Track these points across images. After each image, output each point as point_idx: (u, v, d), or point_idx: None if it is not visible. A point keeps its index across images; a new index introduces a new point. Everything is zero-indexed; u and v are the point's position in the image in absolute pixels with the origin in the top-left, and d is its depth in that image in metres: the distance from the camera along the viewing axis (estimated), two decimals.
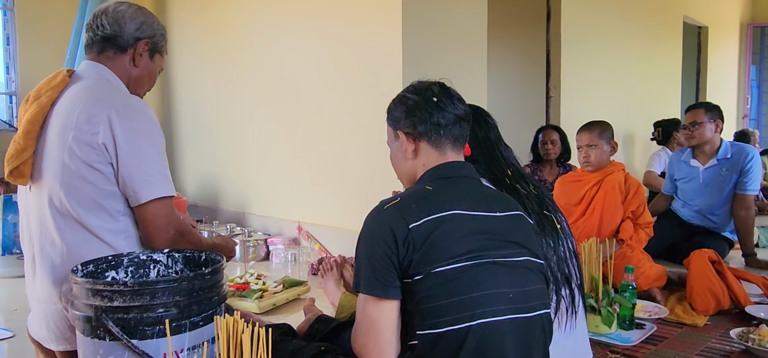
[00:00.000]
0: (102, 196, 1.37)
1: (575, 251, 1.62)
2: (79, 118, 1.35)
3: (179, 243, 1.45)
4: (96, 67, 1.49)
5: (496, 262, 1.12)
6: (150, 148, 1.40)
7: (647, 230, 2.74)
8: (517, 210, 1.25)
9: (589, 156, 2.74)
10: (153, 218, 1.39)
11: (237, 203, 4.03)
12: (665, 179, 3.59)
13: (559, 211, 1.65)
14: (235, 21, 3.92)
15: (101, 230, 1.37)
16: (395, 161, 1.36)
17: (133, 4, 1.57)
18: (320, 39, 3.27)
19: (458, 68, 3.15)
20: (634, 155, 5.27)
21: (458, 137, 1.29)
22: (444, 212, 1.12)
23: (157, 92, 4.81)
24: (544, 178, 3.76)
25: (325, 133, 3.27)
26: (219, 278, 1.25)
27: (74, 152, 1.35)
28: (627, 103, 5.17)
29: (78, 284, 1.14)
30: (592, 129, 2.74)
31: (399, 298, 1.11)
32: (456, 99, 1.31)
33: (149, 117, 1.43)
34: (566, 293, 1.53)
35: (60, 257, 1.37)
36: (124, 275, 1.37)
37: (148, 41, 1.54)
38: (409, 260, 1.09)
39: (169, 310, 1.13)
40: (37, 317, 1.44)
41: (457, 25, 3.15)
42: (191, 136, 4.50)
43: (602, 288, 2.08)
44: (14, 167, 1.39)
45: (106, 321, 1.09)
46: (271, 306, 2.33)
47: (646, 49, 5.46)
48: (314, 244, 3.27)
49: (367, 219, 1.16)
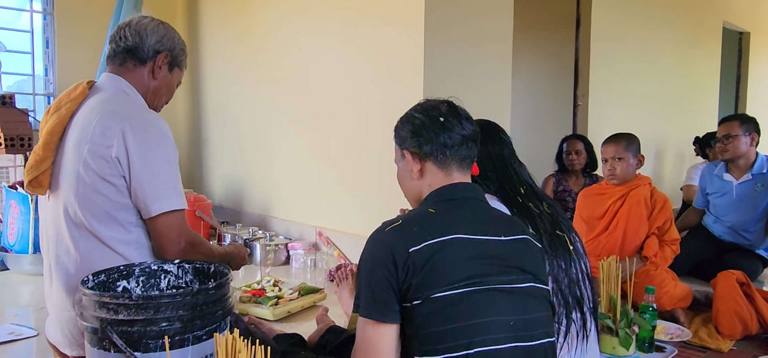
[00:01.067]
0: (115, 208, 1.40)
1: (589, 273, 1.58)
2: (94, 131, 1.39)
3: (191, 254, 1.48)
4: (115, 79, 1.53)
5: (497, 288, 1.10)
6: (162, 162, 1.42)
7: (673, 248, 2.65)
8: (524, 234, 1.22)
9: (614, 169, 2.66)
10: (164, 230, 1.42)
11: (261, 206, 4.09)
12: (696, 193, 3.48)
13: (573, 231, 1.61)
14: (263, 27, 3.97)
15: (114, 241, 1.41)
16: (401, 180, 1.35)
17: (156, 18, 1.60)
18: (343, 45, 3.29)
19: (482, 75, 3.12)
20: (666, 167, 5.11)
21: (465, 158, 1.27)
22: (445, 236, 1.10)
23: (187, 95, 4.92)
24: (569, 188, 3.69)
25: (347, 140, 3.29)
26: (223, 292, 1.26)
27: (89, 165, 1.39)
28: (660, 113, 5.02)
29: (86, 296, 1.17)
30: (619, 141, 2.67)
31: (398, 322, 1.10)
32: (464, 118, 1.29)
33: (163, 131, 1.45)
34: (577, 316, 1.49)
35: (74, 266, 1.41)
36: (136, 285, 1.40)
37: (167, 54, 1.57)
38: (408, 284, 1.08)
39: (173, 324, 1.15)
40: (53, 323, 1.49)
41: (481, 32, 3.11)
42: (219, 138, 4.58)
43: (621, 309, 2.03)
44: (33, 177, 1.44)
45: (111, 334, 1.12)
46: (286, 313, 2.34)
47: (682, 57, 5.29)
48: (333, 250, 3.29)
49: (368, 240, 1.16)
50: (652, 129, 4.95)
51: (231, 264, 1.67)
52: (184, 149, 5.03)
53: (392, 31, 2.98)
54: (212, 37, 4.58)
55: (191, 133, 4.93)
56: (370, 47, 3.12)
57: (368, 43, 3.13)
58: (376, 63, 3.08)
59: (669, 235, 2.65)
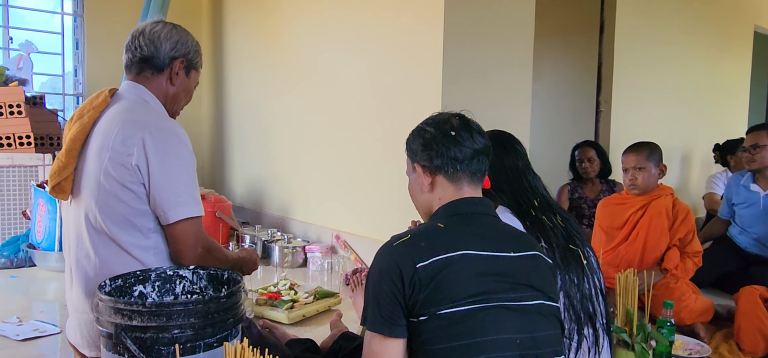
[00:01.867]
0: (134, 214, 1.44)
1: (602, 288, 1.56)
2: (115, 139, 1.43)
3: (206, 259, 1.51)
4: (135, 87, 1.57)
5: (504, 306, 1.09)
6: (180, 170, 1.45)
7: (695, 260, 2.59)
8: (534, 250, 1.21)
9: (635, 179, 2.62)
10: (182, 236, 1.46)
11: (280, 207, 4.13)
12: (722, 203, 3.40)
13: (587, 245, 1.60)
14: (285, 31, 4.02)
15: (132, 247, 1.45)
16: (412, 193, 1.35)
17: (168, 23, 1.62)
18: (363, 50, 3.30)
19: (501, 80, 3.09)
20: (692, 175, 5.00)
21: (476, 172, 1.26)
22: (453, 252, 1.10)
23: (211, 97, 5.00)
24: (585, 195, 3.64)
25: (366, 144, 3.30)
26: (235, 300, 1.28)
27: (109, 172, 1.42)
28: (686, 120, 4.91)
29: (102, 302, 1.21)
30: (640, 151, 2.63)
31: (404, 337, 1.11)
32: (476, 132, 1.29)
33: (181, 140, 1.48)
34: (589, 332, 1.48)
35: (93, 270, 1.45)
36: (151, 289, 1.43)
37: (183, 60, 1.60)
38: (414, 299, 1.08)
39: (185, 331, 1.18)
40: (72, 324, 1.54)
41: (502, 37, 3.09)
42: (241, 140, 4.65)
43: (638, 322, 1.99)
44: (56, 183, 1.49)
45: (125, 339, 1.15)
46: (301, 317, 2.37)
47: (711, 62, 5.17)
48: (350, 253, 3.31)
49: (377, 254, 1.17)
50: (678, 136, 4.85)
51: (243, 269, 1.70)
52: (207, 150, 5.11)
53: (412, 36, 2.99)
54: (236, 40, 4.65)
55: (214, 135, 5.01)
56: (389, 52, 3.13)
57: (387, 47, 3.14)
58: (395, 68, 3.09)
59: (691, 247, 2.59)
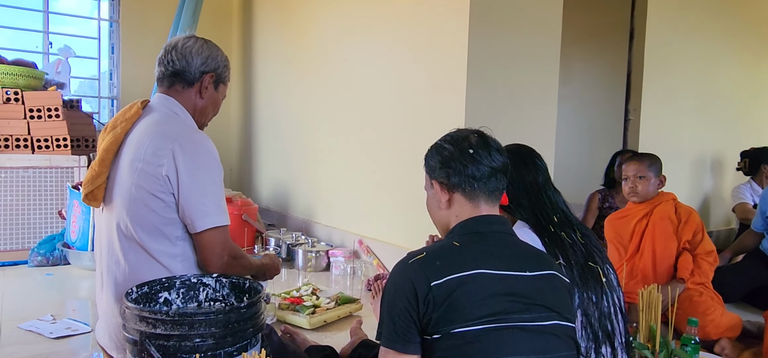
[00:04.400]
0: (163, 222, 1.49)
1: (622, 306, 1.55)
2: (147, 150, 1.49)
3: (232, 266, 1.56)
4: (166, 100, 1.63)
5: (518, 326, 1.10)
6: (208, 181, 1.51)
7: (709, 260, 2.54)
8: (550, 269, 1.21)
9: (636, 187, 2.66)
10: (209, 244, 1.51)
11: (305, 211, 4.19)
12: (756, 215, 3.31)
13: (607, 262, 1.58)
14: (312, 37, 4.07)
15: (160, 254, 1.50)
16: (430, 208, 1.37)
17: (200, 38, 1.69)
18: (389, 57, 3.33)
19: (527, 86, 3.08)
20: (724, 185, 4.86)
21: (493, 190, 1.27)
22: (468, 271, 1.11)
23: (239, 102, 5.10)
24: (615, 205, 3.58)
25: (390, 150, 3.32)
26: (255, 310, 1.32)
27: (140, 182, 1.48)
28: (719, 129, 4.78)
29: (129, 309, 1.26)
30: (642, 160, 2.68)
31: (418, 353, 1.12)
32: (494, 150, 1.29)
33: (210, 152, 1.54)
34: (607, 351, 1.47)
35: (122, 276, 1.51)
36: (176, 296, 1.49)
37: (212, 75, 1.66)
38: (428, 317, 1.09)
39: (206, 340, 1.22)
40: (102, 326, 1.60)
41: (528, 42, 3.07)
42: (268, 144, 4.73)
43: (660, 339, 1.96)
44: (89, 191, 1.55)
45: (149, 346, 1.20)
46: (322, 323, 2.40)
47: (746, 69, 5.02)
48: (373, 259, 3.33)
49: (392, 271, 1.18)
50: (710, 145, 4.73)
51: (266, 275, 1.75)
52: (235, 153, 5.21)
53: (437, 42, 3.00)
54: (265, 44, 4.73)
55: (242, 138, 5.10)
56: (414, 57, 3.15)
57: (413, 52, 3.15)
58: (420, 73, 3.11)
59: (702, 247, 2.56)
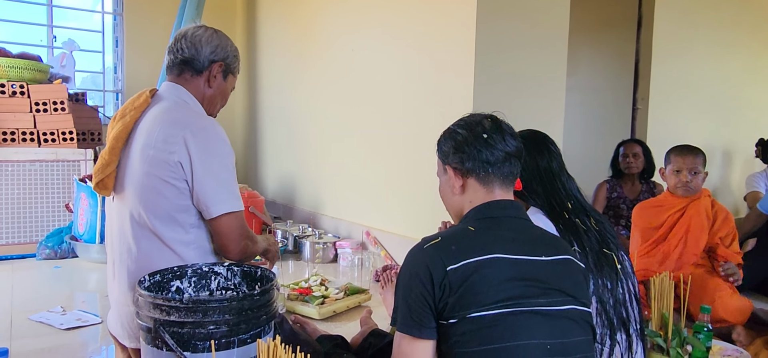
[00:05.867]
0: (176, 209, 1.49)
1: (637, 293, 1.54)
2: (158, 138, 1.48)
3: (249, 248, 1.57)
4: (175, 88, 1.62)
5: (535, 311, 1.09)
6: (221, 167, 1.51)
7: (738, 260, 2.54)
8: (566, 254, 1.20)
9: (690, 182, 2.58)
10: (225, 230, 1.51)
11: (311, 203, 4.18)
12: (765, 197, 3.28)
13: (621, 249, 1.57)
14: (317, 29, 4.05)
15: (173, 241, 1.50)
16: (443, 195, 1.36)
17: (210, 27, 1.68)
18: (395, 47, 3.31)
19: (534, 76, 3.05)
20: (733, 176, 4.84)
21: (508, 175, 1.26)
22: (484, 256, 1.10)
23: (244, 94, 5.09)
24: (624, 195, 3.56)
25: (397, 141, 3.31)
26: (268, 297, 1.32)
27: (152, 169, 1.48)
28: (727, 119, 4.75)
29: (142, 297, 1.26)
30: (697, 154, 2.61)
31: (434, 338, 1.12)
32: (508, 135, 1.28)
33: (221, 137, 1.53)
34: (622, 337, 1.46)
35: (135, 264, 1.50)
36: (188, 285, 1.48)
37: (221, 64, 1.65)
38: (444, 302, 1.09)
39: (220, 327, 1.22)
40: (114, 316, 1.60)
41: (535, 31, 3.04)
42: (273, 136, 4.72)
43: (673, 327, 1.95)
44: (99, 180, 1.55)
45: (163, 334, 1.20)
46: (331, 313, 2.40)
47: (755, 57, 4.98)
48: (381, 250, 3.33)
49: (407, 256, 1.17)
50: (718, 135, 4.70)
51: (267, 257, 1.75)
52: (241, 146, 5.21)
53: (443, 32, 2.98)
54: (269, 37, 4.71)
55: (247, 130, 5.10)
56: (421, 47, 3.13)
57: (419, 42, 3.13)
58: (427, 63, 3.09)
59: (732, 248, 2.54)
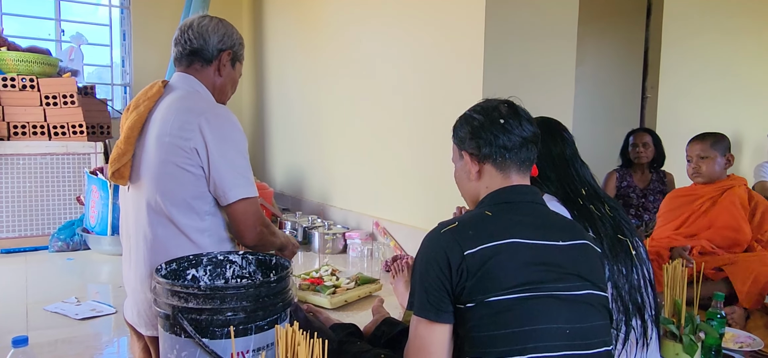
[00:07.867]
0: (192, 196, 1.50)
1: (652, 279, 1.53)
2: (173, 125, 1.49)
3: (265, 236, 1.58)
4: (186, 78, 1.63)
5: (553, 295, 1.09)
6: (236, 153, 1.52)
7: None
8: (583, 239, 1.20)
9: (699, 168, 2.56)
10: (242, 216, 1.52)
11: (320, 194, 4.19)
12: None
13: (635, 235, 1.57)
14: (325, 20, 4.05)
15: (189, 229, 1.50)
16: (459, 180, 1.35)
17: (214, 17, 1.69)
18: (403, 36, 3.30)
19: (543, 66, 3.04)
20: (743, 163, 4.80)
21: (524, 161, 1.26)
22: (501, 241, 1.10)
23: (251, 86, 5.09)
24: (633, 184, 3.54)
25: (405, 132, 3.31)
26: (284, 285, 1.32)
27: (168, 156, 1.49)
28: (739, 108, 4.70)
29: (160, 284, 1.26)
30: (705, 139, 2.59)
31: (451, 322, 1.12)
32: (524, 120, 1.27)
33: (234, 124, 1.54)
34: (637, 323, 1.45)
35: (151, 251, 1.51)
36: (203, 274, 1.49)
37: (229, 52, 1.66)
38: (461, 287, 1.09)
39: (237, 314, 1.22)
40: (130, 304, 1.61)
41: (544, 21, 3.03)
42: (281, 128, 4.72)
43: (686, 314, 1.94)
44: (116, 169, 1.56)
45: (182, 320, 1.20)
46: (343, 302, 2.41)
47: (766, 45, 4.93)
48: (390, 241, 3.33)
49: (424, 240, 1.17)
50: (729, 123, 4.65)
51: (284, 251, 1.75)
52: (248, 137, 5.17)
53: (453, 22, 2.96)
54: (276, 28, 4.71)
55: (255, 123, 5.10)
56: (430, 37, 3.12)
57: (428, 33, 3.12)
58: (436, 53, 3.08)
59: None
